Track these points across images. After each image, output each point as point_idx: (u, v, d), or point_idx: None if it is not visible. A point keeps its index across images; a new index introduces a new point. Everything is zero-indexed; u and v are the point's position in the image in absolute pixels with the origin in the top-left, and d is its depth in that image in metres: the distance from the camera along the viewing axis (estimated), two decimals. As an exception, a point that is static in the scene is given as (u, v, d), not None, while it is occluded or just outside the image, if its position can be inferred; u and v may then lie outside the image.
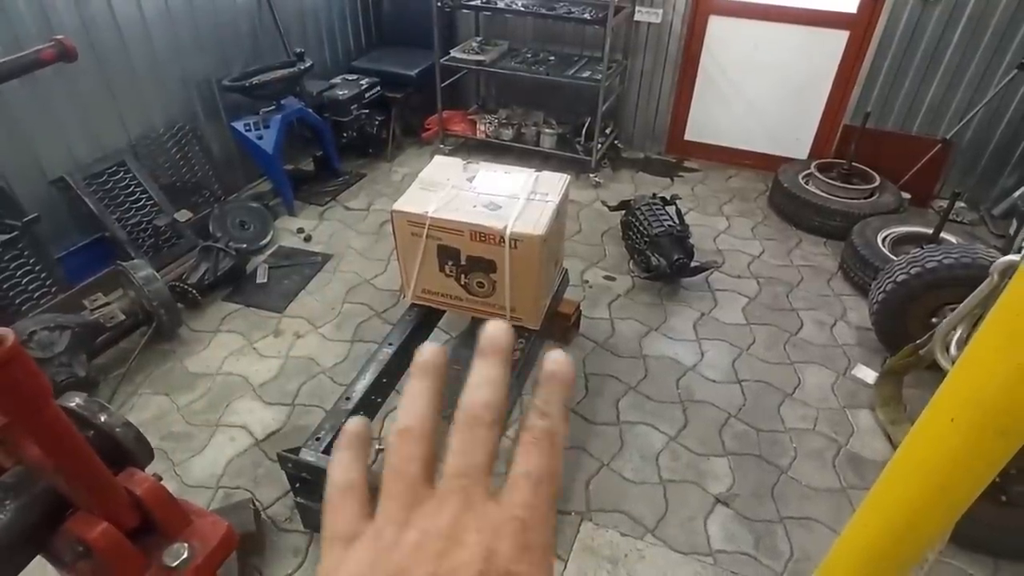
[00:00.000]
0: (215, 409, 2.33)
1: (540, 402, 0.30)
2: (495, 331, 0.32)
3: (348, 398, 1.95)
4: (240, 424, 2.28)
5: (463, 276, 2.17)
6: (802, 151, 4.04)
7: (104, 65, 2.74)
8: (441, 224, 2.06)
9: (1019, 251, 1.95)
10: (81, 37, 2.61)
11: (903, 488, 0.75)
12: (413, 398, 0.31)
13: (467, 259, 2.12)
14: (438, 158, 2.40)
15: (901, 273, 2.43)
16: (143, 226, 2.88)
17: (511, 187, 2.19)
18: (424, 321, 2.34)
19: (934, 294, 2.39)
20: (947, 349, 2.01)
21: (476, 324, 2.51)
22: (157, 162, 3.06)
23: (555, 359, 0.31)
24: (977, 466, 0.67)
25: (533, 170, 2.30)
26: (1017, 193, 3.52)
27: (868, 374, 2.50)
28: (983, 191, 3.71)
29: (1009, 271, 1.68)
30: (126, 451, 1.24)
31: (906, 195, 3.61)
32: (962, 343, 1.93)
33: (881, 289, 2.51)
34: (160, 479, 1.23)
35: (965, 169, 3.71)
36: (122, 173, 2.85)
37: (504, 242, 2.01)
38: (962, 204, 3.77)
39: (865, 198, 3.45)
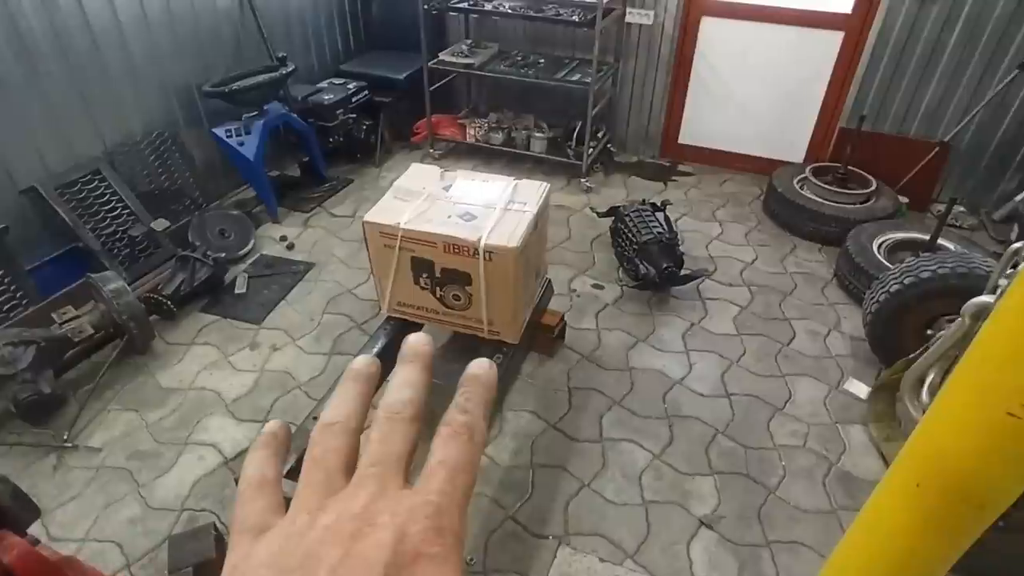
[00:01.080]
0: (185, 426, 2.26)
1: (461, 399, 0.31)
2: (416, 341, 0.34)
3: (315, 417, 1.88)
4: (210, 442, 2.21)
5: (438, 289, 2.10)
6: (797, 154, 3.95)
7: (77, 72, 2.68)
8: (414, 235, 1.99)
9: (994, 290, 1.84)
10: (52, 43, 2.55)
11: (869, 549, 0.67)
12: (341, 398, 0.32)
13: (441, 272, 2.04)
14: (415, 166, 2.33)
15: (894, 283, 2.34)
16: (118, 236, 2.82)
17: (488, 196, 2.12)
18: (400, 335, 2.27)
19: (928, 305, 2.30)
20: (918, 396, 1.90)
21: (457, 337, 2.44)
22: (135, 170, 2.99)
23: (479, 364, 0.33)
24: (951, 534, 0.59)
25: (512, 178, 2.23)
26: (1019, 197, 3.42)
27: (861, 388, 2.41)
28: (983, 195, 3.62)
29: (982, 313, 1.59)
30: (3, 510, 1.11)
31: (904, 199, 3.52)
32: (935, 389, 1.82)
33: (874, 299, 2.42)
34: (37, 542, 1.09)
35: (964, 172, 3.61)
36: (97, 182, 2.79)
37: (478, 254, 1.93)
38: (961, 208, 3.67)
39: (861, 203, 3.36)
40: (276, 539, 0.26)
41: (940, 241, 2.82)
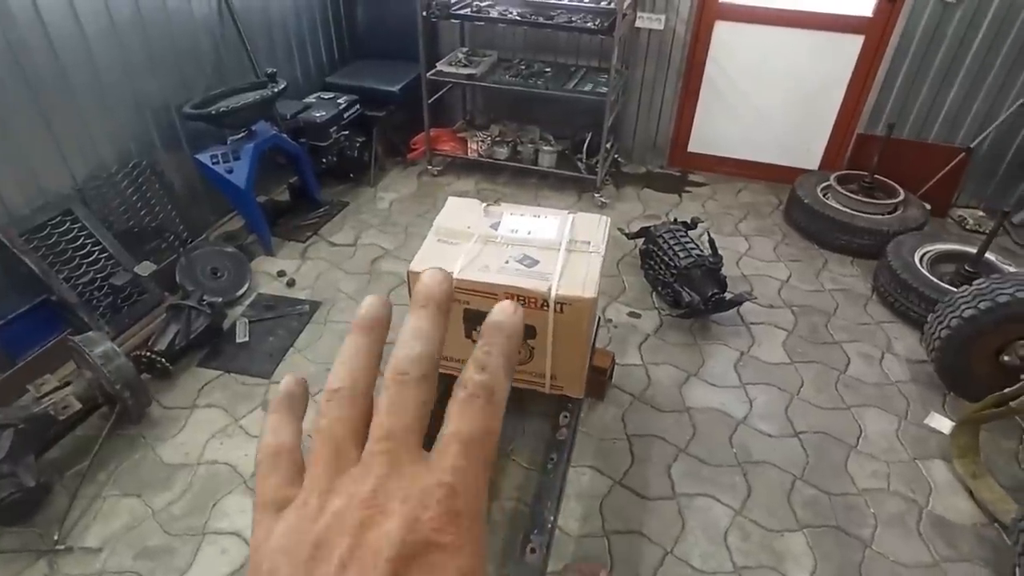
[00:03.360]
0: (200, 512, 1.94)
1: (480, 353, 0.28)
2: (430, 279, 0.30)
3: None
4: (231, 530, 1.90)
5: (495, 343, 1.84)
6: (813, 162, 3.84)
7: (38, 95, 2.30)
8: (469, 286, 1.73)
9: None
10: (6, 63, 2.18)
11: None
12: (346, 357, 0.29)
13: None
14: (452, 200, 2.06)
15: (967, 308, 2.21)
16: (97, 284, 2.45)
17: (545, 235, 1.87)
18: (447, 390, 2.00)
19: (1004, 329, 2.18)
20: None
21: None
22: (110, 206, 2.62)
23: (502, 308, 0.29)
24: None
25: (567, 212, 1.99)
26: (1039, 201, 3.39)
27: (943, 423, 2.27)
28: (1001, 198, 3.57)
29: None
30: None
31: (926, 205, 3.44)
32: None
33: (944, 324, 2.29)
34: None
35: (983, 177, 3.57)
36: (68, 223, 2.42)
37: (548, 306, 1.69)
38: (981, 213, 3.63)
39: (890, 213, 3.26)
40: (290, 522, 0.25)
41: (987, 255, 2.72)
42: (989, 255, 2.80)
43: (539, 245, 1.84)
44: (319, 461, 0.27)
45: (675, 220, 3.01)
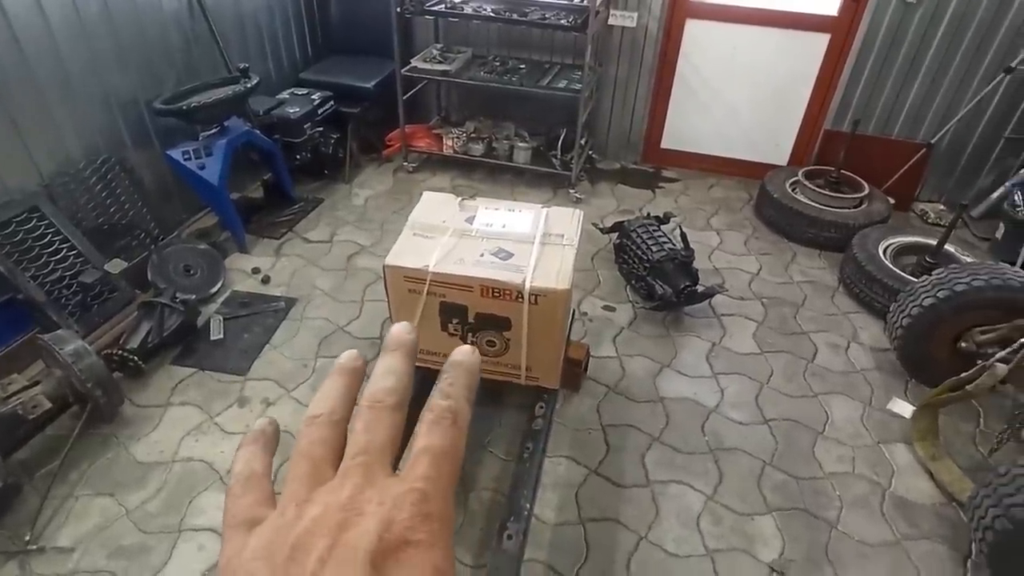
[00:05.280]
0: (175, 509, 1.93)
1: (444, 384, 0.31)
2: (399, 330, 0.34)
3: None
4: (208, 526, 1.89)
5: (470, 335, 1.87)
6: (782, 157, 3.93)
7: (2, 91, 2.25)
8: (445, 279, 1.75)
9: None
10: (-29, 59, 2.13)
11: None
12: (326, 391, 0.32)
13: (476, 317, 1.81)
14: (428, 195, 2.08)
15: (927, 296, 2.30)
16: (66, 282, 2.40)
17: (520, 228, 1.90)
18: (423, 385, 2.01)
19: (962, 317, 2.27)
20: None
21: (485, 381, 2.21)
22: (79, 203, 2.58)
23: (462, 351, 0.33)
24: None
25: (540, 206, 2.02)
26: (996, 194, 3.52)
27: (904, 408, 2.36)
28: (960, 192, 3.70)
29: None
30: None
31: (890, 199, 3.54)
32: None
33: (904, 313, 2.37)
34: None
35: (943, 171, 3.69)
36: (35, 220, 2.37)
37: (523, 298, 1.72)
38: (942, 207, 3.75)
39: (855, 207, 3.36)
40: (266, 532, 0.27)
41: (946, 246, 2.82)
42: (949, 247, 2.90)
43: (514, 238, 1.86)
44: (297, 476, 0.28)
45: (648, 215, 3.06)
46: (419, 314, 1.82)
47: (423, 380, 1.96)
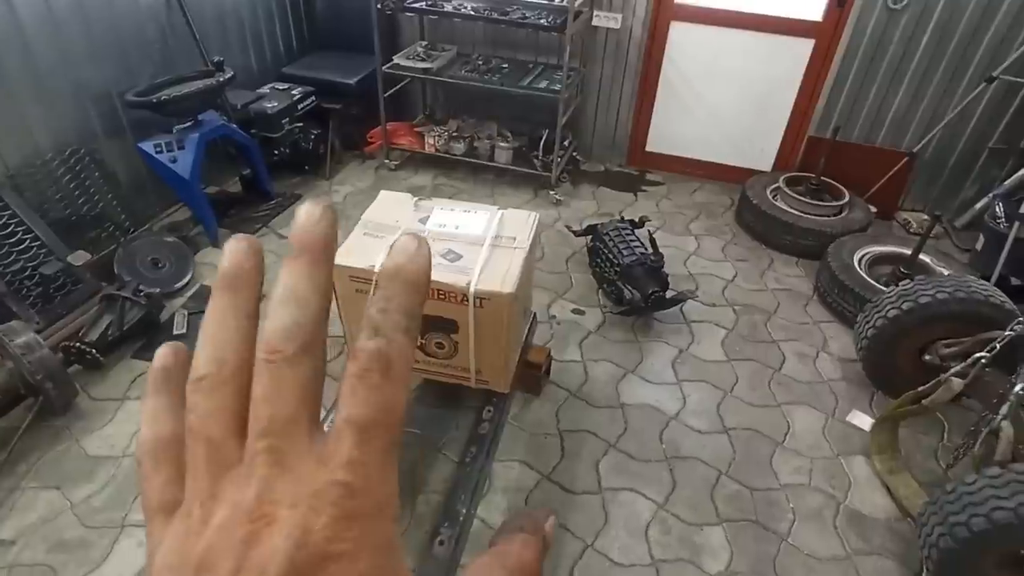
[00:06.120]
0: (120, 504, 1.93)
1: (374, 311, 0.22)
2: (305, 220, 0.24)
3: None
4: (152, 522, 1.88)
5: (419, 337, 1.85)
6: (766, 163, 3.90)
7: (-33, 81, 2.26)
8: (391, 280, 1.73)
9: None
10: (-68, 47, 2.13)
11: None
12: (210, 331, 0.24)
13: (424, 318, 1.79)
14: (384, 193, 2.06)
15: (892, 308, 2.27)
16: (28, 273, 2.40)
17: (472, 230, 1.88)
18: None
19: (927, 330, 2.24)
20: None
21: (434, 386, 2.19)
22: (45, 194, 2.58)
23: (401, 248, 0.24)
24: None
25: (497, 208, 2.00)
26: (979, 204, 3.47)
27: (863, 420, 2.33)
28: (944, 202, 3.66)
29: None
30: None
31: (872, 208, 3.50)
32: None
33: (870, 324, 2.34)
34: None
35: (927, 181, 3.65)
36: (-2, 210, 2.37)
37: (468, 301, 1.70)
38: (925, 217, 3.70)
39: (835, 215, 3.32)
40: (175, 537, 0.22)
41: (921, 256, 2.79)
42: (925, 257, 2.87)
43: (465, 240, 1.84)
44: (197, 464, 0.23)
45: (622, 218, 3.04)
46: (366, 314, 1.81)
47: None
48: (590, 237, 3.05)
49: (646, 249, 2.80)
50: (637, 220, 3.07)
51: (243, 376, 0.23)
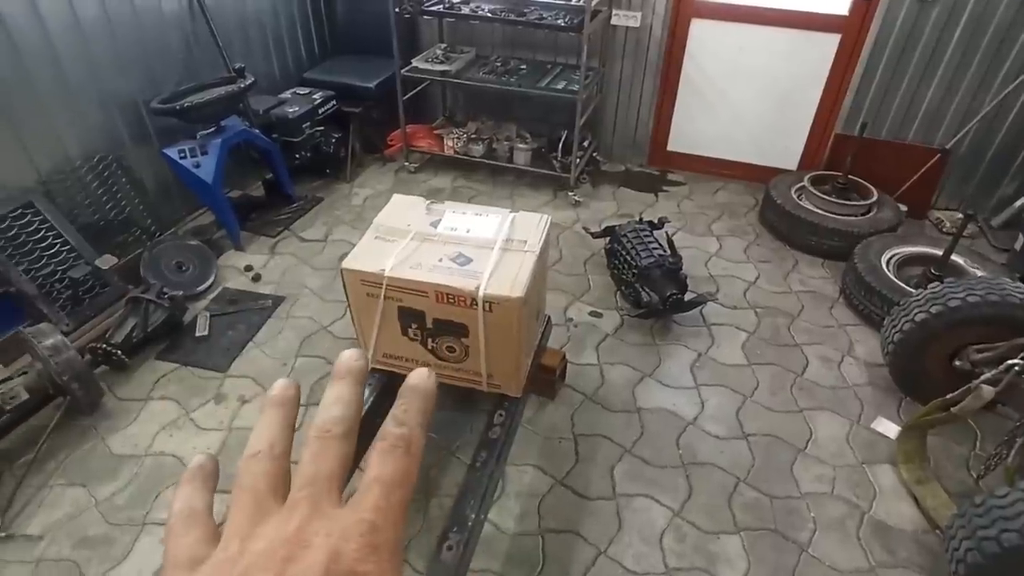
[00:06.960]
0: (142, 503, 1.97)
1: (398, 411, 0.31)
2: (348, 356, 0.34)
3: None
4: (171, 521, 1.92)
5: (430, 340, 1.85)
6: (791, 161, 3.80)
7: (0, 92, 2.33)
8: (401, 284, 1.74)
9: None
10: (-33, 60, 2.21)
11: None
12: (262, 426, 0.32)
13: (434, 322, 1.80)
14: (397, 197, 2.07)
15: (920, 312, 2.19)
16: (58, 276, 2.48)
17: (483, 233, 1.87)
18: (387, 387, 2.01)
19: (957, 333, 2.15)
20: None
21: (448, 389, 2.19)
22: (75, 200, 2.66)
23: (418, 374, 0.33)
24: None
25: (508, 211, 1.99)
26: (1019, 203, 3.33)
27: (890, 428, 2.25)
28: (980, 201, 3.52)
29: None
30: None
31: (902, 207, 3.39)
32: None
33: (897, 328, 2.26)
34: None
35: (962, 178, 3.51)
36: (29, 216, 2.45)
37: (477, 305, 1.69)
38: (958, 216, 3.57)
39: (863, 214, 3.22)
40: (209, 569, 0.26)
41: (953, 257, 2.68)
42: (958, 258, 2.76)
43: (475, 244, 1.84)
44: (240, 511, 0.28)
45: (640, 219, 3.00)
46: (378, 318, 1.82)
47: (388, 383, 1.96)
48: (608, 239, 3.01)
49: (665, 251, 2.76)
50: (656, 221, 3.03)
51: (285, 460, 0.31)
